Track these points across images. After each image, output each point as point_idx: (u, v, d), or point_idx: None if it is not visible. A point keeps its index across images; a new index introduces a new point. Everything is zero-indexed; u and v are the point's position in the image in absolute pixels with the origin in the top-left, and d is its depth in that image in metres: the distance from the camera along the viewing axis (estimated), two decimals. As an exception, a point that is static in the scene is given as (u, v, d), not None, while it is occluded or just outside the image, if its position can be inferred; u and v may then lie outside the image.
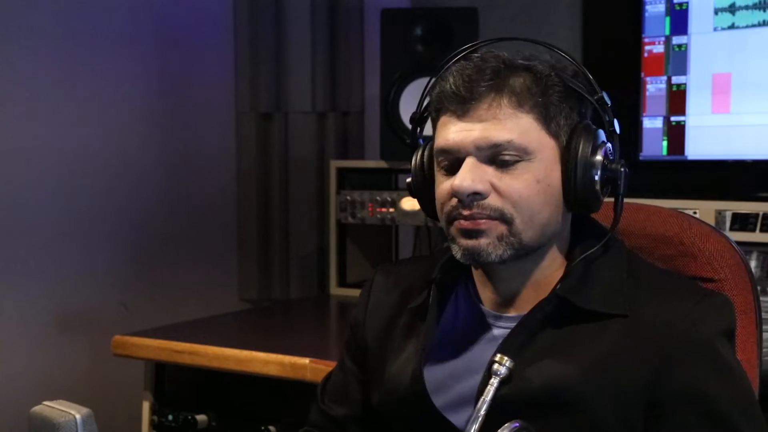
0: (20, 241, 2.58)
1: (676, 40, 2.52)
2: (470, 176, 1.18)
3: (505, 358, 1.18)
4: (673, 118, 2.54)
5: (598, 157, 1.21)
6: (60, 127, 2.67)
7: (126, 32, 2.83)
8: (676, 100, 2.52)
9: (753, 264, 2.26)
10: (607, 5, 2.77)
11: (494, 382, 1.17)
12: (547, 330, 1.22)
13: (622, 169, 1.23)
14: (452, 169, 1.22)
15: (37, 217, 2.62)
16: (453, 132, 1.21)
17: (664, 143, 2.55)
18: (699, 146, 2.52)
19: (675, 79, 2.53)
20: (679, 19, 2.51)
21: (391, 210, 2.78)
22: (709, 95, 2.49)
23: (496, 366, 1.18)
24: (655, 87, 2.54)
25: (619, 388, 1.17)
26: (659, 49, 2.54)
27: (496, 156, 1.19)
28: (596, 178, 1.21)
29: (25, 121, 2.58)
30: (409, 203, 2.75)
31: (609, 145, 1.23)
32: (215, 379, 2.22)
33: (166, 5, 2.96)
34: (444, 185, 1.23)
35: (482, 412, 1.16)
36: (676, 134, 2.53)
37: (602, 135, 1.23)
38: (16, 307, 2.57)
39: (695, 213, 2.28)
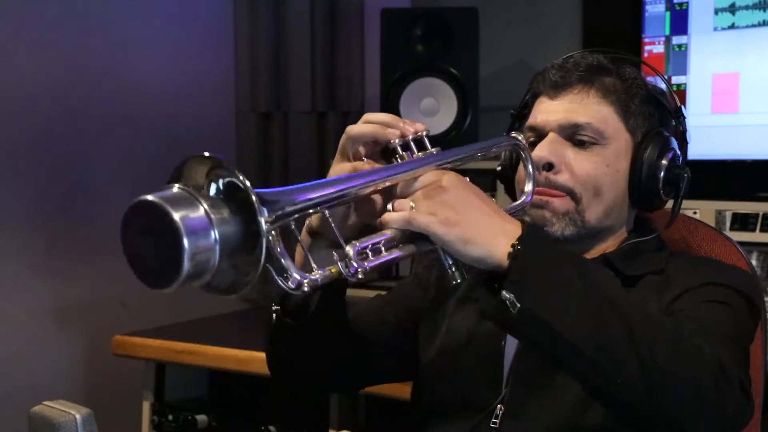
0: (20, 240, 2.58)
1: (676, 40, 2.52)
2: (548, 148, 1.32)
3: None
4: (673, 118, 2.53)
5: (664, 161, 1.34)
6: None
7: (128, 31, 2.83)
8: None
9: (753, 264, 2.26)
10: (607, 5, 2.76)
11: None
12: None
13: (685, 174, 1.35)
14: (537, 145, 1.35)
15: (36, 217, 2.62)
16: (542, 112, 1.36)
17: (664, 143, 2.54)
18: (699, 146, 2.52)
19: (675, 79, 2.53)
20: (679, 19, 2.51)
21: (391, 210, 2.77)
22: (709, 95, 2.49)
23: None
24: (655, 87, 2.54)
25: None
26: (659, 49, 2.54)
27: (574, 135, 1.33)
28: (660, 176, 1.33)
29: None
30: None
31: (679, 152, 1.36)
32: (215, 379, 2.22)
33: (165, 6, 2.96)
34: None
35: None
36: (676, 134, 2.53)
37: (674, 143, 1.37)
38: (16, 307, 2.57)
39: (695, 213, 2.28)
